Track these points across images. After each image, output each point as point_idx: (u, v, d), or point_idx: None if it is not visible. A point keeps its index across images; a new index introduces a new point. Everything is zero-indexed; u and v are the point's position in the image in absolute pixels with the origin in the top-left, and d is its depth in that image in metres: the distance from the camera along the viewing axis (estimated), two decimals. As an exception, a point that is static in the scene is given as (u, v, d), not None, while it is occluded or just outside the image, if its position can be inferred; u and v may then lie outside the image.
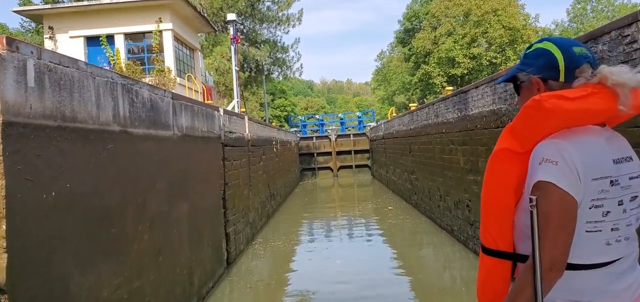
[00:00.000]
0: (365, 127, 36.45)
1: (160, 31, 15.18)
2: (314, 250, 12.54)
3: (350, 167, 33.33)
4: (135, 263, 5.51)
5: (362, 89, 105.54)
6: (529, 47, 1.95)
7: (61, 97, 4.21)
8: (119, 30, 15.26)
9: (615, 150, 1.75)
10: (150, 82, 13.70)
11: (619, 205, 1.69)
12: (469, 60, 36.79)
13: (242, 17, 31.16)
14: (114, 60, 14.39)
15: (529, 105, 1.71)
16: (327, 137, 34.11)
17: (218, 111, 10.37)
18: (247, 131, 13.57)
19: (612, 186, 1.67)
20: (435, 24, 39.73)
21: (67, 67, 4.36)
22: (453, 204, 11.46)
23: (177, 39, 16.41)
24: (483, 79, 9.27)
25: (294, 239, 13.60)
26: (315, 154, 33.32)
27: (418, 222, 14.69)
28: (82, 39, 15.12)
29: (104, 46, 14.66)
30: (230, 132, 11.27)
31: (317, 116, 43.78)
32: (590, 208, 1.66)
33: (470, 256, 10.07)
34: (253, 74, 33.13)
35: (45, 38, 15.06)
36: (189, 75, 15.00)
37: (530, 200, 1.55)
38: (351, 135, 34.26)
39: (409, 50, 43.82)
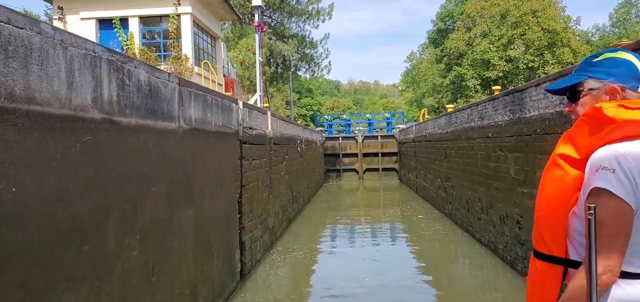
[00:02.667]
0: (393, 128, 35.06)
1: (178, 15, 14.11)
2: (337, 261, 11.33)
3: (376, 170, 32.07)
4: (118, 287, 4.36)
5: (389, 90, 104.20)
6: (596, 56, 1.95)
7: (7, 68, 3.06)
8: (133, 12, 14.14)
9: None
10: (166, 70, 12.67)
11: None
12: (504, 63, 35.06)
13: (270, 9, 29.98)
14: (127, 45, 13.37)
15: (589, 112, 1.79)
16: (353, 138, 32.86)
17: (237, 104, 9.23)
18: (269, 128, 12.42)
19: None
20: (469, 24, 38.13)
21: (22, 28, 3.22)
22: (498, 219, 10.09)
23: (197, 24, 15.25)
24: (547, 76, 7.92)
25: (316, 248, 12.40)
26: (340, 155, 32.13)
27: (453, 234, 13.36)
28: (94, 21, 14.07)
29: (117, 29, 13.62)
30: (250, 128, 10.12)
31: (343, 116, 42.36)
32: None
33: (518, 279, 8.76)
34: (279, 69, 31.94)
35: (54, 19, 14.07)
36: (206, 63, 13.80)
37: (588, 208, 1.63)
38: (379, 136, 32.96)
39: (441, 51, 42.35)
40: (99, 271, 4.06)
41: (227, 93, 13.73)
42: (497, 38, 35.50)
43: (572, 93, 1.99)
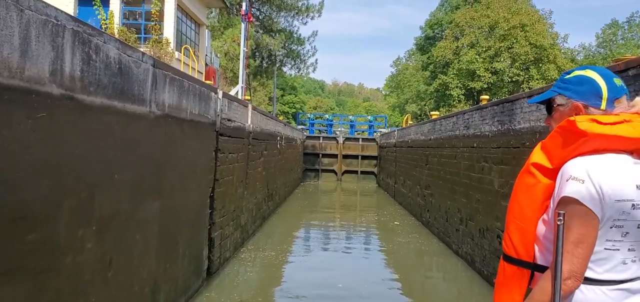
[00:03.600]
0: (375, 132, 34.84)
1: None
2: (309, 264, 11.00)
3: (355, 172, 31.83)
4: (68, 282, 3.94)
5: (373, 94, 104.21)
6: (568, 73, 2.05)
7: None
8: None
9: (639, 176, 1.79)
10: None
11: (638, 228, 1.79)
12: (490, 75, 35.04)
13: (259, 2, 29.40)
14: (106, 24, 12.77)
15: (563, 125, 1.87)
16: (334, 138, 32.57)
17: (216, 93, 8.81)
18: (249, 122, 12.01)
19: (633, 209, 1.76)
20: (458, 34, 38.06)
21: (-34, -17, 2.80)
22: (478, 232, 9.85)
23: (181, 9, 14.69)
24: (540, 88, 7.68)
25: (288, 249, 12.03)
26: (320, 155, 31.80)
27: (429, 244, 13.11)
28: None
29: (96, 7, 12.98)
30: (228, 120, 9.71)
31: (326, 116, 41.96)
32: (611, 228, 1.77)
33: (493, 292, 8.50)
34: (265, 64, 31.41)
35: None
36: (186, 48, 13.24)
37: (558, 214, 1.71)
38: (360, 139, 32.71)
39: (428, 58, 42.24)
40: (46, 263, 3.64)
41: (208, 83, 13.24)
42: (484, 49, 35.45)
43: (548, 107, 2.09)
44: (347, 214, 20.04)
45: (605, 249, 1.78)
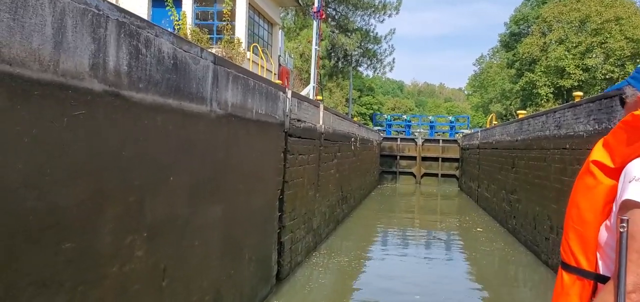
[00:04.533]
0: (457, 133, 33.45)
1: None
2: (385, 271, 10.42)
3: (435, 175, 30.69)
4: (112, 293, 3.65)
5: (454, 94, 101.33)
6: None
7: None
8: None
9: None
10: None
11: None
12: (581, 72, 32.65)
13: (335, 1, 28.97)
14: (178, 25, 12.83)
15: (625, 119, 1.70)
16: (413, 140, 31.57)
17: (284, 93, 8.45)
18: (320, 122, 11.60)
19: None
20: (545, 29, 35.87)
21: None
22: (572, 244, 8.82)
23: (253, 8, 14.50)
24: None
25: (363, 254, 11.50)
26: (398, 157, 30.94)
27: (515, 253, 12.10)
28: None
29: (169, 8, 13.06)
30: (298, 121, 9.34)
31: (404, 117, 40.80)
32: None
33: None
34: (340, 64, 30.90)
35: None
36: (255, 46, 12.96)
37: (621, 220, 1.53)
38: (440, 140, 31.53)
39: (513, 55, 40.20)
40: (86, 274, 3.35)
41: (277, 82, 12.89)
42: (574, 45, 33.14)
43: (621, 99, 1.95)
44: (426, 218, 19.22)
45: None
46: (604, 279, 1.70)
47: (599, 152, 1.76)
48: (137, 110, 3.93)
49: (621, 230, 1.52)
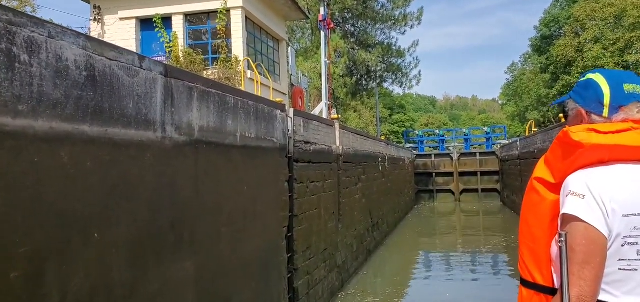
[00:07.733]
0: (494, 145, 31.55)
1: (228, 10, 12.05)
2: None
3: (475, 190, 28.82)
4: None
5: (488, 105, 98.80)
6: (583, 74, 1.87)
7: None
8: (177, 9, 12.11)
9: None
10: (212, 76, 10.88)
11: None
12: (621, 70, 30.48)
13: (354, 17, 27.72)
14: (170, 47, 11.70)
15: (559, 136, 1.70)
16: (448, 155, 29.86)
17: (283, 111, 7.15)
18: (337, 143, 10.27)
19: None
20: (578, 29, 33.88)
21: None
22: None
23: (253, 23, 13.23)
24: None
25: (400, 289, 10.01)
26: (433, 175, 29.27)
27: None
28: (134, 20, 12.38)
29: (158, 29, 11.93)
30: (305, 143, 8.03)
31: (436, 131, 38.94)
32: (623, 246, 1.56)
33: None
34: (364, 81, 29.51)
35: (90, 20, 12.55)
36: (247, 60, 11.51)
37: (559, 235, 1.56)
38: (477, 154, 29.72)
39: (547, 59, 38.21)
40: None
41: (278, 101, 11.51)
42: (611, 42, 31.09)
43: (564, 112, 1.92)
44: (469, 239, 17.55)
45: (620, 269, 1.56)
46: (556, 292, 1.64)
47: (541, 169, 1.74)
48: (16, 143, 2.69)
49: (560, 244, 1.53)
